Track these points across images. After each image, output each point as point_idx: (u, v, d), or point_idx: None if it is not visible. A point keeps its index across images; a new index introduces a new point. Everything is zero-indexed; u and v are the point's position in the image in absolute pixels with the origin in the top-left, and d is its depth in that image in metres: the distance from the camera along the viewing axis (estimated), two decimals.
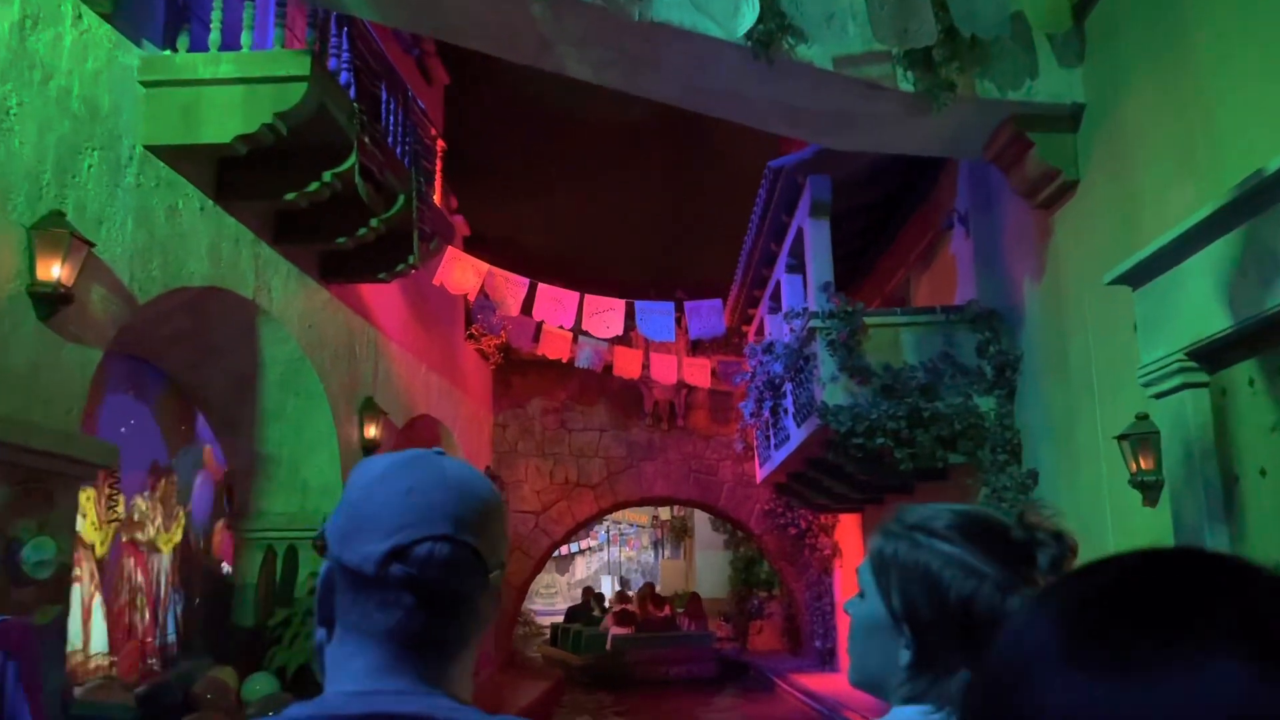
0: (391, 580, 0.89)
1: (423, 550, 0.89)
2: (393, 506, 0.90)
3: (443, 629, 0.91)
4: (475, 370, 13.29)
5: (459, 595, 0.91)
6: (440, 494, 0.92)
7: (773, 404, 9.47)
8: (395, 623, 0.89)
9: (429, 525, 0.90)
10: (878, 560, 1.17)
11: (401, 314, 10.42)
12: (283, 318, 7.62)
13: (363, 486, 0.94)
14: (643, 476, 15.18)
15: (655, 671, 14.92)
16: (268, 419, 8.25)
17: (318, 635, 0.94)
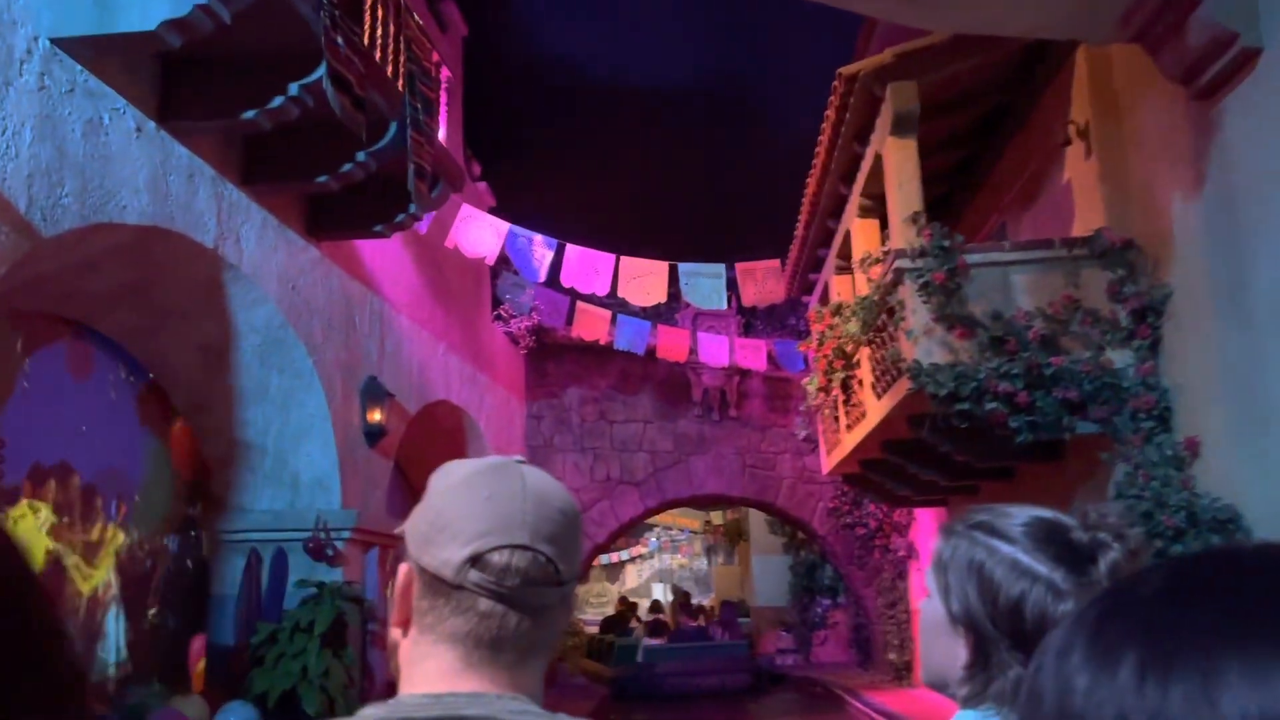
0: (469, 586, 0.91)
1: (500, 558, 0.91)
2: (472, 513, 0.92)
3: (517, 635, 0.92)
4: (504, 355, 11.98)
5: (534, 603, 0.92)
6: (519, 503, 0.93)
7: (845, 376, 8.00)
8: (471, 627, 0.91)
9: (507, 533, 0.91)
10: (937, 559, 1.20)
11: (413, 285, 9.13)
12: (257, 275, 6.34)
13: (444, 491, 0.96)
14: (692, 472, 13.75)
15: (687, 683, 14.28)
16: (246, 399, 6.98)
17: (393, 635, 0.97)
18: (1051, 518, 1.17)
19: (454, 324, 10.18)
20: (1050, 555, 1.12)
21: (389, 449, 8.36)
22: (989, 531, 1.17)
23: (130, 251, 5.46)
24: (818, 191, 8.42)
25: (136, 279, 5.79)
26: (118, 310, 6.01)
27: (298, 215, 6.94)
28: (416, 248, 9.16)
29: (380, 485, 8.18)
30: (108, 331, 6.14)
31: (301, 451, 7.26)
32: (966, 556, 1.16)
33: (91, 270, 5.46)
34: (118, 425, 6.32)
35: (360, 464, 7.75)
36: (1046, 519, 1.17)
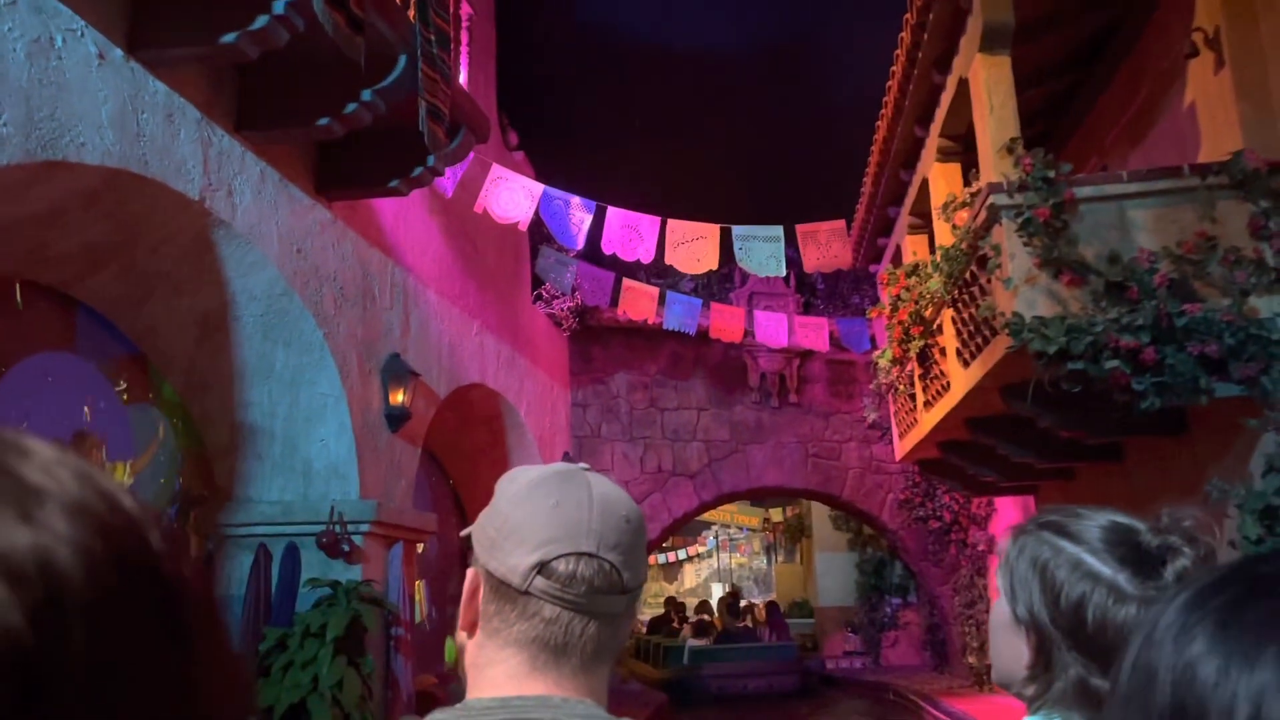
0: (535, 593, 0.92)
1: (566, 566, 0.92)
2: (539, 520, 0.94)
3: (583, 641, 0.94)
4: (546, 338, 11.19)
5: (599, 610, 0.94)
6: (586, 511, 0.95)
7: (923, 345, 7.06)
8: (537, 633, 0.93)
9: (573, 541, 0.93)
10: (1004, 558, 1.21)
11: (442, 257, 8.37)
12: (254, 235, 5.60)
13: (511, 497, 0.98)
14: (750, 463, 12.85)
15: (733, 685, 13.86)
16: (250, 377, 6.26)
17: (460, 638, 0.99)
18: (1122, 520, 1.16)
19: (490, 302, 9.41)
20: (1116, 558, 1.12)
21: (416, 435, 7.60)
22: (1056, 531, 1.17)
23: (99, 200, 4.74)
24: (889, 136, 7.47)
25: (113, 235, 5.08)
26: (98, 275, 5.31)
27: (303, 170, 6.20)
28: (445, 217, 8.40)
29: (406, 474, 7.43)
30: (89, 299, 5.44)
31: (314, 436, 6.53)
32: (1031, 556, 1.17)
33: (58, 223, 4.75)
34: (103, 406, 5.62)
35: (382, 450, 7.00)
36: (1117, 521, 1.16)
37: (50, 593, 0.33)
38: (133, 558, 0.37)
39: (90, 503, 0.36)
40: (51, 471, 0.36)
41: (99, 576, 0.35)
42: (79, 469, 0.37)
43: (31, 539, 0.33)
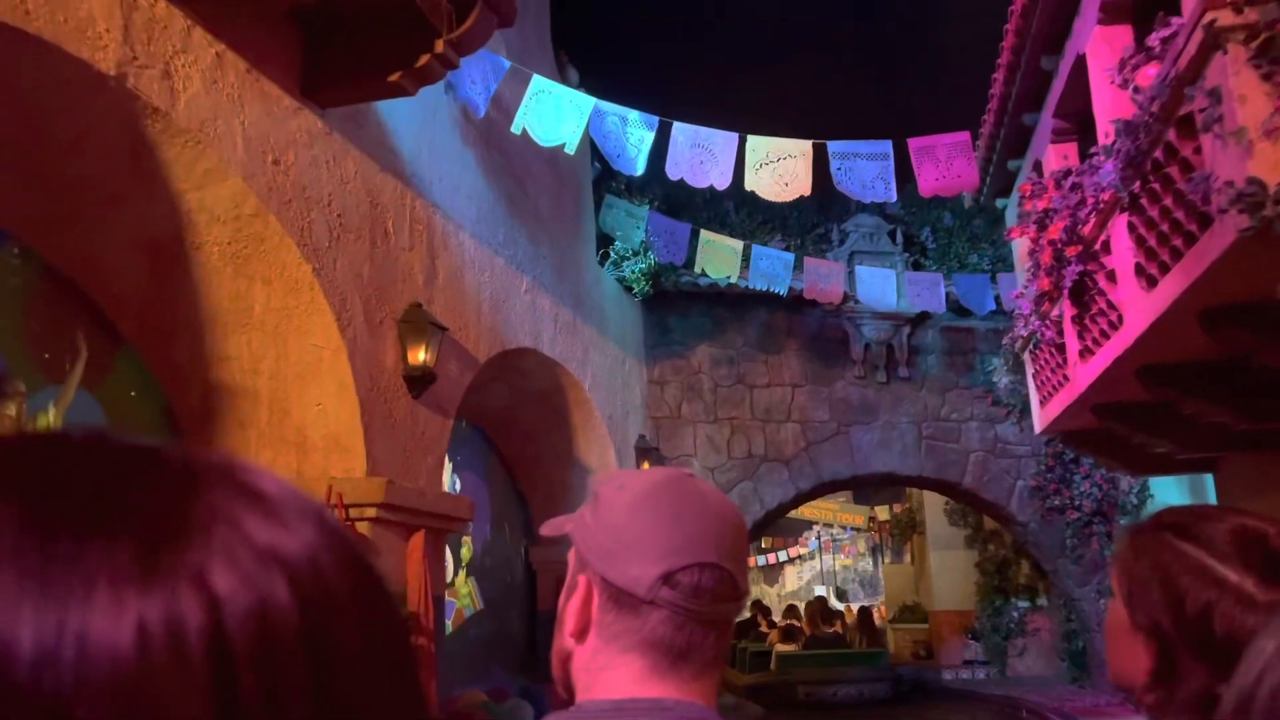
0: (659, 602, 0.94)
1: (690, 577, 0.94)
2: (661, 531, 0.96)
3: (701, 646, 0.96)
4: (616, 305, 9.81)
5: (717, 618, 0.97)
6: (704, 521, 0.97)
7: (1081, 274, 5.44)
8: (657, 640, 0.95)
9: (696, 552, 0.95)
10: (1118, 559, 1.21)
11: (480, 195, 7.06)
12: (207, 134, 4.35)
13: (625, 506, 0.99)
14: (854, 447, 11.24)
15: (822, 692, 13.34)
16: (221, 323, 5.02)
17: (566, 644, 1.00)
18: (1251, 522, 1.13)
19: (544, 257, 8.07)
20: (1243, 563, 1.09)
21: (447, 403, 6.30)
22: (1179, 534, 1.15)
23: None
24: (1029, 5, 5.84)
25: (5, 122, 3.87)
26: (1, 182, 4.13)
27: (282, 62, 4.93)
28: (484, 150, 7.09)
29: (433, 450, 6.13)
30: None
31: (308, 398, 5.27)
32: (1151, 560, 1.15)
33: None
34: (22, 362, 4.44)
35: (398, 419, 5.71)
36: (1245, 523, 1.13)
37: (322, 590, 0.36)
38: (364, 559, 0.39)
39: (324, 512, 0.39)
40: (282, 485, 0.38)
41: (353, 576, 0.38)
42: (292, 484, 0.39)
43: (299, 542, 0.36)
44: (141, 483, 0.35)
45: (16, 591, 0.31)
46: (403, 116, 6.02)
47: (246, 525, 0.35)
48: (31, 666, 0.30)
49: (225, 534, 0.34)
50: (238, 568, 0.34)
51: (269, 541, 0.35)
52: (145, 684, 0.30)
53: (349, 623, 0.36)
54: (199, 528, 0.34)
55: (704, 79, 9.98)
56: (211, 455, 0.38)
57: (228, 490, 0.36)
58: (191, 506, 0.35)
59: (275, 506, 0.37)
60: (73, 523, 0.33)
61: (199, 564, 0.33)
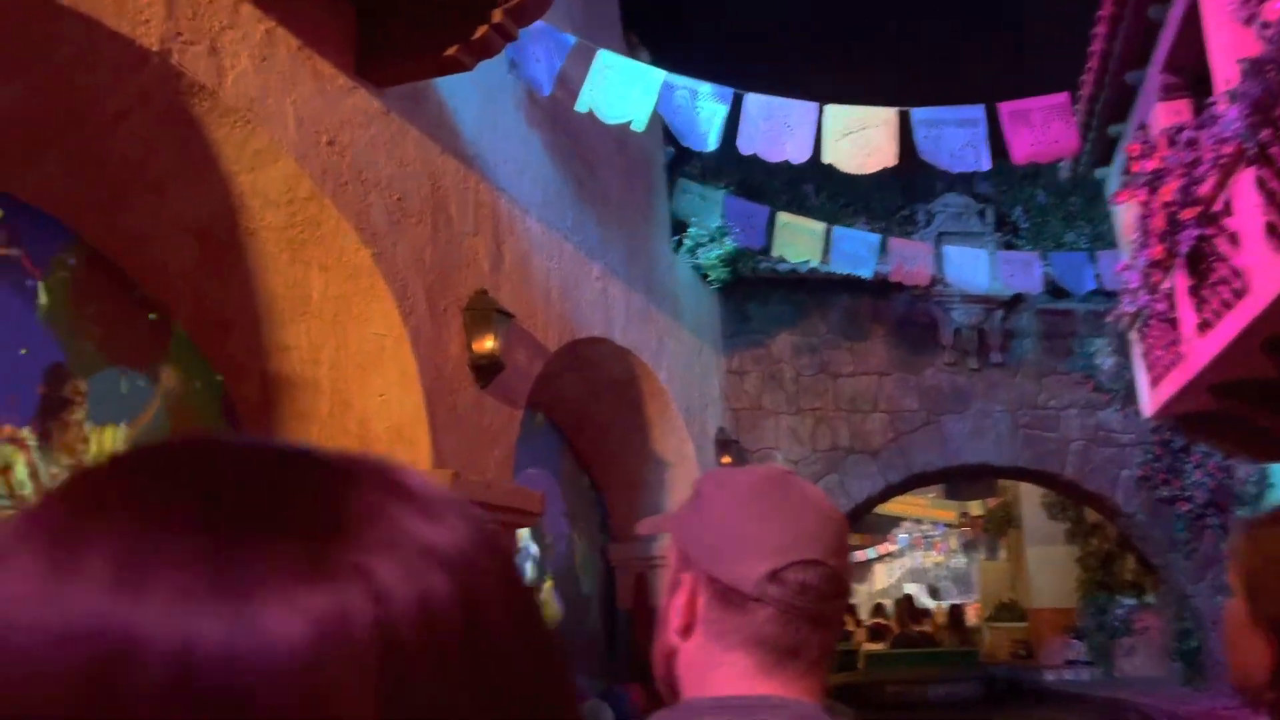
0: (767, 600, 0.95)
1: (797, 574, 0.96)
2: (768, 528, 0.97)
3: (808, 644, 0.97)
4: (691, 293, 9.50)
5: (825, 615, 0.98)
6: (807, 518, 0.98)
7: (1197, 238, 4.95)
8: (765, 637, 0.96)
9: (802, 549, 0.96)
10: (1236, 553, 1.18)
11: (547, 179, 6.82)
12: (257, 113, 4.18)
13: (729, 504, 1.00)
14: (946, 437, 10.73)
15: (911, 692, 13.21)
16: (280, 312, 4.87)
17: (670, 641, 1.00)
18: None
19: (615, 243, 7.81)
20: None
21: (515, 394, 6.07)
22: None
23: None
24: None
25: (42, 101, 3.75)
26: (36, 164, 4.01)
27: (336, 40, 4.75)
28: (550, 131, 6.85)
29: (501, 442, 5.91)
30: (33, 199, 4.16)
31: (370, 388, 5.08)
32: (1272, 551, 1.14)
33: None
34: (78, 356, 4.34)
35: (464, 410, 5.50)
36: None
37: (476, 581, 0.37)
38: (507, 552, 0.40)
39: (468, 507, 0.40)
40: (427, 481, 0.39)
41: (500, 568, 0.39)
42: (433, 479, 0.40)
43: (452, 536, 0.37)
44: (301, 483, 0.37)
45: (198, 591, 0.32)
46: (464, 97, 5.81)
47: (403, 521, 0.36)
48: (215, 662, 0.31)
49: (384, 530, 0.35)
50: (399, 562, 0.35)
51: (425, 536, 0.36)
52: (319, 676, 0.32)
53: (503, 613, 0.37)
54: (359, 525, 0.35)
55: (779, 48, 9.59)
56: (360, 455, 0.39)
57: (381, 488, 0.37)
58: (349, 505, 0.36)
59: (427, 502, 0.38)
60: (243, 524, 0.34)
61: (363, 560, 0.34)
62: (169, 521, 0.33)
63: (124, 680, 0.30)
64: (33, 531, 0.34)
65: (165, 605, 0.31)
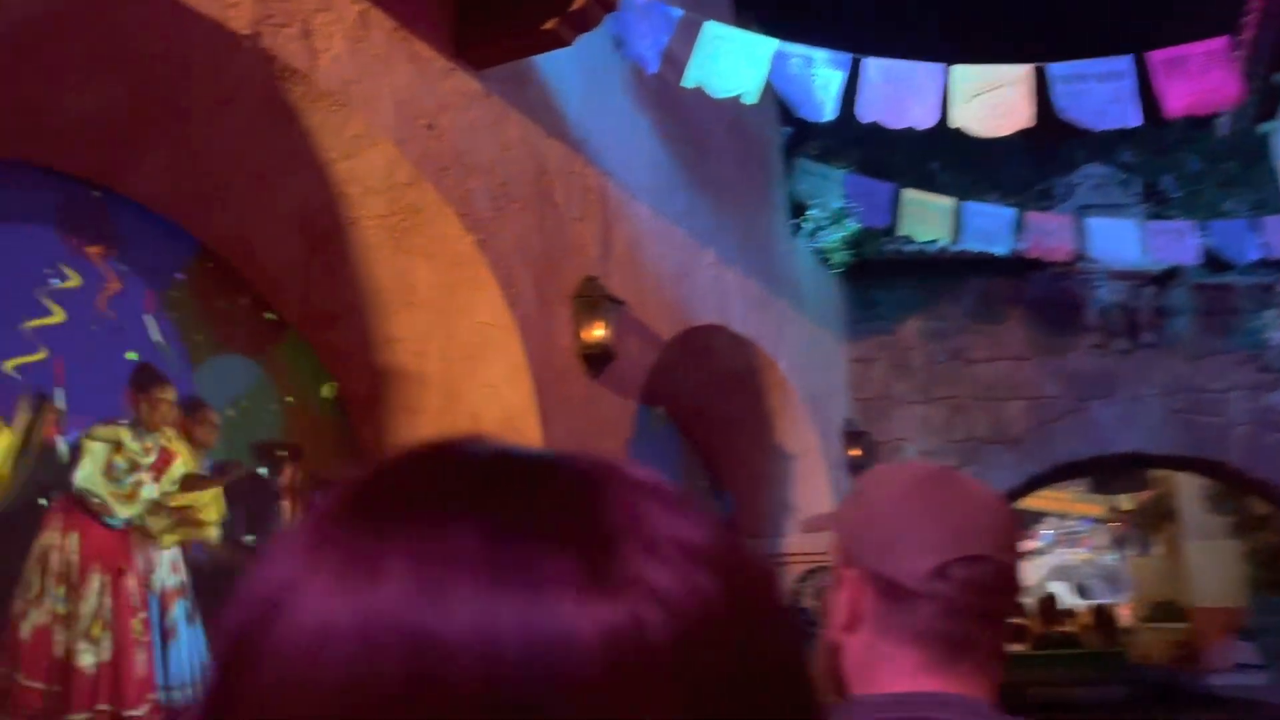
0: (933, 595, 0.94)
1: (964, 570, 0.94)
2: (932, 524, 0.96)
3: (978, 640, 0.95)
4: (812, 278, 9.10)
5: (993, 611, 0.96)
6: (973, 513, 0.97)
7: None
8: (933, 633, 0.95)
9: (968, 545, 0.95)
10: None
11: (657, 163, 6.58)
12: (352, 97, 4.06)
13: (892, 500, 0.99)
14: (1093, 424, 10.00)
15: (1054, 694, 12.48)
16: (385, 302, 4.76)
17: (835, 637, 1.00)
18: None
19: (729, 228, 7.50)
20: None
21: (629, 384, 5.85)
22: None
23: (90, 25, 3.35)
24: None
25: (141, 93, 3.70)
26: (142, 160, 3.98)
27: (434, 20, 4.61)
28: (658, 113, 6.61)
29: (615, 435, 5.69)
30: (139, 196, 4.13)
31: (478, 380, 4.93)
32: None
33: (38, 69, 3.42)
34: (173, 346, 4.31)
35: (576, 401, 5.30)
36: None
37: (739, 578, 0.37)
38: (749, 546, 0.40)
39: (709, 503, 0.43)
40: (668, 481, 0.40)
41: (753, 562, 0.39)
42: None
43: (709, 535, 0.37)
44: (562, 490, 0.37)
45: (494, 600, 0.33)
46: (568, 78, 5.62)
47: (660, 522, 0.36)
48: (517, 669, 0.32)
49: (647, 534, 0.36)
50: (669, 565, 0.35)
51: (684, 536, 0.36)
52: (618, 684, 0.32)
53: (766, 608, 0.37)
54: (624, 528, 0.35)
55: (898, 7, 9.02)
56: (603, 457, 0.40)
57: (634, 491, 0.38)
58: (608, 510, 0.36)
59: (675, 501, 0.38)
60: (521, 533, 0.35)
61: (637, 564, 0.35)
62: (455, 531, 0.34)
63: (437, 682, 0.31)
64: (326, 539, 0.35)
65: (466, 613, 0.32)
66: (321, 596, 0.33)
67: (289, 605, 0.34)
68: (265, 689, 0.33)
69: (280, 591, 0.34)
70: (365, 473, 0.38)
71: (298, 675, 0.32)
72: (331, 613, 0.33)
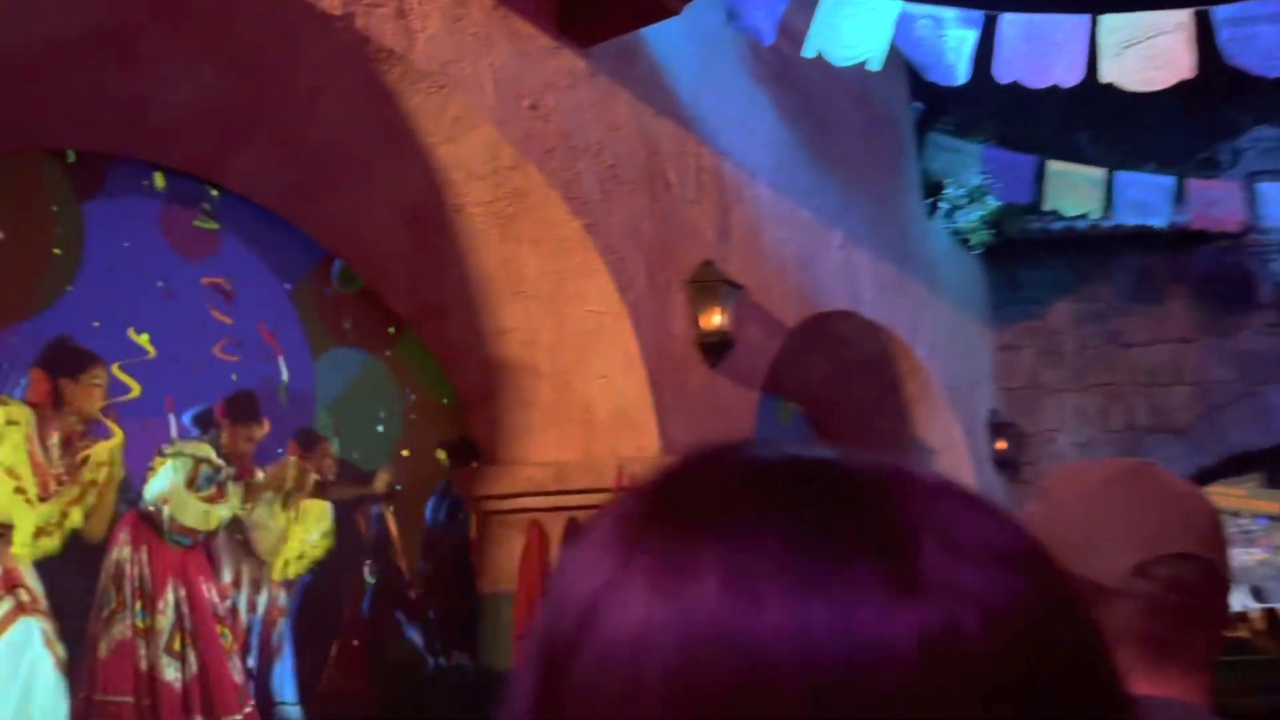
0: (1135, 593, 0.91)
1: (1167, 568, 0.91)
2: (1129, 521, 0.93)
3: (1189, 641, 0.92)
4: (951, 261, 8.57)
5: (1199, 609, 0.92)
6: (1174, 509, 0.93)
7: None
8: (1133, 632, 0.91)
9: (1170, 542, 0.91)
10: None
11: (777, 140, 6.25)
12: (451, 78, 3.93)
13: (1084, 497, 0.97)
14: (1268, 411, 9.09)
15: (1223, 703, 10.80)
16: (494, 291, 4.61)
17: None
18: None
19: (858, 207, 7.10)
20: None
21: (750, 373, 5.56)
22: None
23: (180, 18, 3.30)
24: None
25: (236, 83, 3.64)
26: (242, 150, 3.94)
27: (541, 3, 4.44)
28: (778, 87, 6.29)
29: (737, 426, 5.40)
30: (241, 189, 4.10)
31: (591, 370, 4.74)
32: None
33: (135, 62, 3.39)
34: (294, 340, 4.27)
35: (693, 391, 5.05)
36: None
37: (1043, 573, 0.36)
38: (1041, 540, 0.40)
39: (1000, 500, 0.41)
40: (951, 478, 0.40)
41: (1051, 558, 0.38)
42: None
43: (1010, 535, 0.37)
44: (858, 493, 0.37)
45: (806, 604, 0.33)
46: (679, 54, 5.37)
47: (962, 524, 0.36)
48: (834, 671, 0.32)
49: (949, 533, 0.35)
50: (976, 566, 0.35)
51: (988, 537, 0.36)
52: (934, 687, 0.32)
53: (1074, 607, 0.37)
54: (922, 530, 0.35)
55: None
56: (887, 458, 0.39)
57: (927, 492, 0.37)
58: (905, 510, 0.36)
59: (974, 503, 0.37)
60: (825, 538, 0.35)
61: (942, 566, 0.34)
62: (761, 535, 0.35)
63: (759, 686, 0.32)
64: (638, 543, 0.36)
65: (781, 617, 0.33)
66: (639, 599, 0.34)
67: (606, 608, 0.35)
68: (585, 691, 0.34)
69: (596, 594, 0.35)
70: (661, 476, 0.39)
71: (618, 678, 0.33)
72: (650, 616, 0.34)
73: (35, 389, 3.21)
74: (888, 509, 0.36)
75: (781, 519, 0.35)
